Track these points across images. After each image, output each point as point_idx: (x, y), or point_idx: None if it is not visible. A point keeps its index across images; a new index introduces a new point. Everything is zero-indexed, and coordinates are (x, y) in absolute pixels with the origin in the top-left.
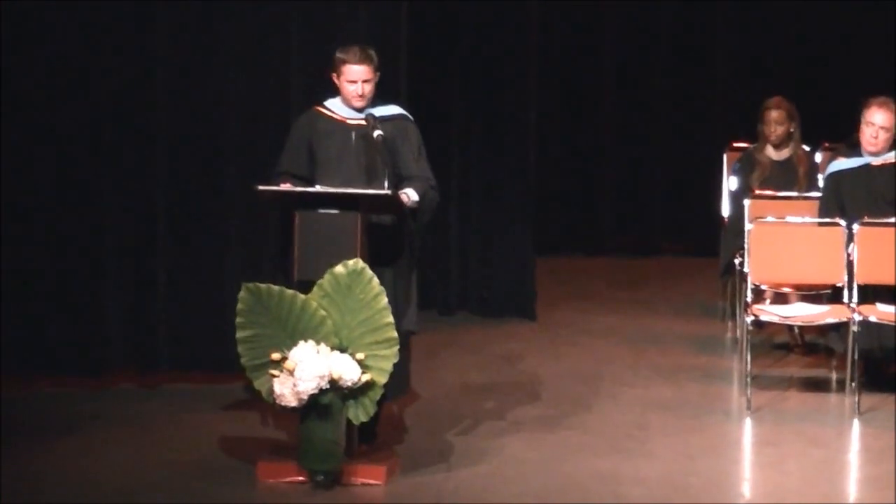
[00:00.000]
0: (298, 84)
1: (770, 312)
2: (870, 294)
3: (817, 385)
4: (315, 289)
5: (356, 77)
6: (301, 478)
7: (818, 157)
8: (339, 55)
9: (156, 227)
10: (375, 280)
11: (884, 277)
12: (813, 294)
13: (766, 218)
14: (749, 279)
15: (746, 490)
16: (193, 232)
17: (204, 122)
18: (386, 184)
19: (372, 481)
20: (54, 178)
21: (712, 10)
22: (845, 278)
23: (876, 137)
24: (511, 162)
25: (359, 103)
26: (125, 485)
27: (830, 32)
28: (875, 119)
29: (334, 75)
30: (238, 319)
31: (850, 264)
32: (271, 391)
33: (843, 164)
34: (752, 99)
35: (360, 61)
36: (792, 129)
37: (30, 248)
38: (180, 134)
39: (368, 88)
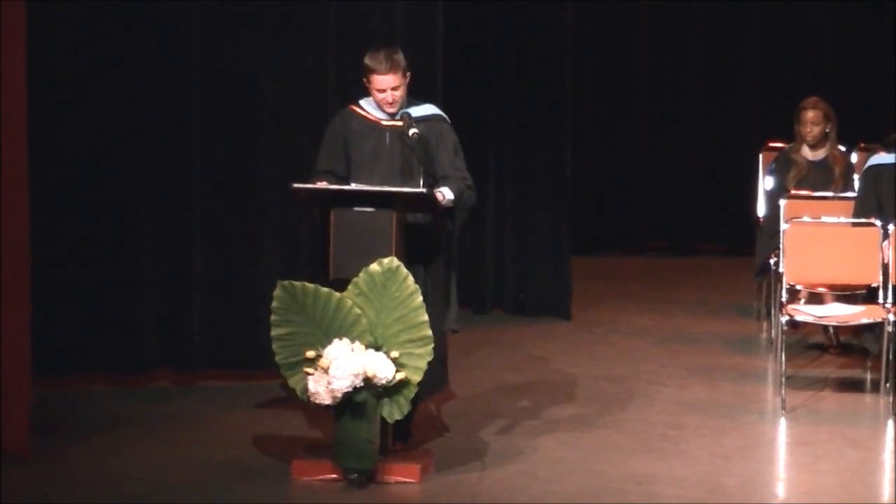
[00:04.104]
0: (334, 82)
1: (805, 312)
2: None
3: (852, 385)
4: (350, 287)
5: (385, 86)
6: (335, 476)
7: (854, 158)
8: (366, 62)
9: (191, 226)
10: (410, 278)
11: None
12: (848, 294)
13: (801, 218)
14: (784, 279)
15: (781, 490)
16: (229, 230)
17: (239, 120)
18: (421, 182)
19: (406, 480)
20: (88, 177)
21: (748, 10)
22: (881, 279)
23: None
24: (547, 161)
25: (390, 110)
26: (160, 483)
27: (868, 32)
28: None
29: (364, 80)
30: (273, 317)
31: (885, 265)
32: (306, 389)
33: (883, 158)
34: (789, 99)
35: (387, 70)
36: (828, 130)
37: (65, 247)
38: (215, 132)
39: (398, 94)
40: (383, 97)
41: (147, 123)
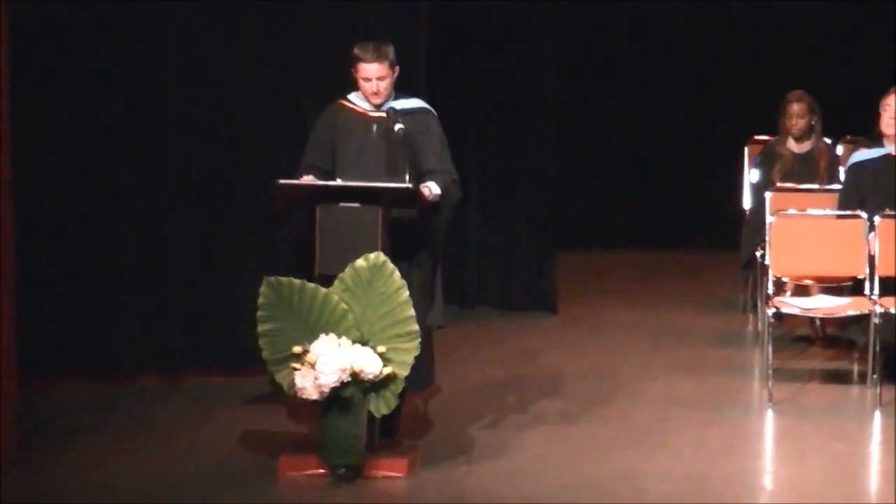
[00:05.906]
0: (314, 80)
1: (791, 305)
2: (891, 286)
3: (838, 378)
4: (336, 282)
5: (370, 75)
6: (322, 471)
7: (839, 150)
8: (355, 52)
9: (173, 224)
10: (397, 273)
11: None
12: (834, 287)
13: (787, 211)
14: (770, 272)
15: (768, 483)
16: (211, 227)
17: (219, 119)
18: (407, 178)
19: (393, 474)
20: (70, 177)
21: (734, 2)
22: (867, 271)
23: (894, 118)
24: (531, 155)
25: (375, 100)
26: (147, 481)
27: (854, 25)
28: (892, 102)
29: (353, 71)
30: (259, 313)
31: (871, 257)
32: (292, 385)
33: (864, 154)
34: (774, 92)
35: (374, 59)
36: (813, 123)
37: (48, 248)
38: (196, 131)
39: (384, 85)
40: (369, 86)
41: (126, 124)
